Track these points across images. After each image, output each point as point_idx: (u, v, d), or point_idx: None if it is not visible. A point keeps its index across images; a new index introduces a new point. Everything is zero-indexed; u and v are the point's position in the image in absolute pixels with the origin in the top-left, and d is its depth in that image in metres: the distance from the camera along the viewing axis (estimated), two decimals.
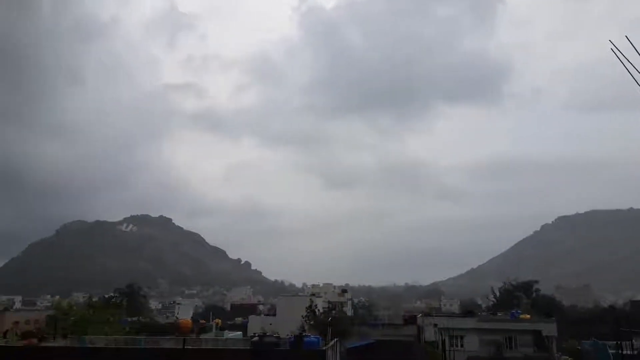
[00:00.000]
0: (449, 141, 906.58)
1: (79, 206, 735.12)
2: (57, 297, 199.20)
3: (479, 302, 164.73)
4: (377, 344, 49.64)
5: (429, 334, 57.65)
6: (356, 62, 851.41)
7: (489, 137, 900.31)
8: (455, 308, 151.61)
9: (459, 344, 52.95)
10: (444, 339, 48.61)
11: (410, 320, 67.27)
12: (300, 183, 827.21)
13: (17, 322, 70.74)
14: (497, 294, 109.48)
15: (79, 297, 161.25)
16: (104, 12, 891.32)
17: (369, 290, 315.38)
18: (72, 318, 53.74)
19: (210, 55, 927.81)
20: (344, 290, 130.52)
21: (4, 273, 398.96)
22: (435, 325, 54.73)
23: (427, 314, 71.41)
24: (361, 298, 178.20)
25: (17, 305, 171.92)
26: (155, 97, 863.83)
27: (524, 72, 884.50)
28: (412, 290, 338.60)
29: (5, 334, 42.64)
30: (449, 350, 48.25)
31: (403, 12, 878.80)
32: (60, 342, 33.24)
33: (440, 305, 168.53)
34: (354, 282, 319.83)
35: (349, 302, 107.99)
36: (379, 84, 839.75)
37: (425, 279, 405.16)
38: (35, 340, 32.03)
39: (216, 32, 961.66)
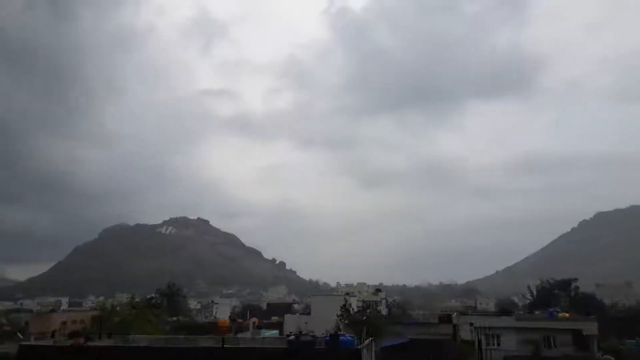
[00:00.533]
0: (483, 138, 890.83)
1: (120, 210, 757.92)
2: (101, 298, 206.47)
3: (516, 300, 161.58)
4: (411, 343, 49.70)
5: (465, 333, 57.07)
6: (387, 62, 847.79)
7: (523, 132, 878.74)
8: (491, 307, 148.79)
9: (496, 343, 52.34)
10: (480, 338, 48.17)
11: (445, 319, 66.77)
12: (333, 184, 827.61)
13: (64, 322, 74.16)
14: (534, 292, 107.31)
15: (122, 297, 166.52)
16: (141, 21, 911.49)
17: (403, 290, 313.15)
18: (116, 318, 55.83)
19: (243, 60, 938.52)
20: (377, 290, 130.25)
21: (51, 275, 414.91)
22: (471, 324, 54.13)
23: (462, 313, 70.70)
24: (395, 297, 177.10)
25: (64, 306, 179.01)
26: (191, 103, 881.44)
27: (559, 65, 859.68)
28: (447, 289, 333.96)
29: (53, 333, 44.85)
30: (486, 349, 47.83)
31: (432, 9, 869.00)
32: (105, 342, 34.75)
33: (475, 304, 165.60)
34: (388, 281, 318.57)
35: (383, 302, 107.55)
36: (410, 83, 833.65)
37: (460, 278, 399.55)
38: (82, 340, 33.55)
39: (248, 37, 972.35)
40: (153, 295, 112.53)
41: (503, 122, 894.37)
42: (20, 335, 72.80)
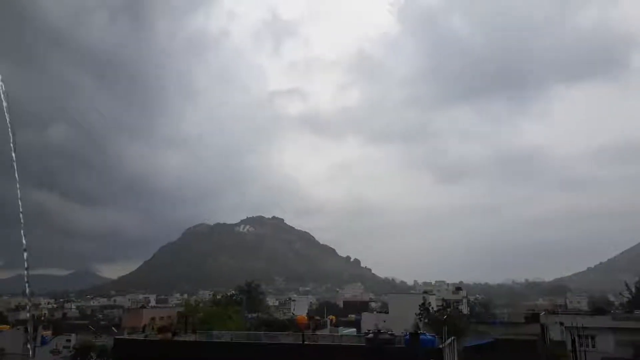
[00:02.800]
0: (571, 124, 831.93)
1: (201, 210, 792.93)
2: (185, 295, 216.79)
3: (612, 299, 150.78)
4: (496, 343, 47.42)
5: (555, 334, 53.86)
6: (461, 49, 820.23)
7: (616, 116, 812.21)
8: (584, 305, 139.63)
9: (590, 344, 48.77)
10: (574, 338, 45.06)
11: (532, 318, 63.27)
12: (408, 178, 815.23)
13: (153, 318, 78.36)
14: (633, 289, 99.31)
15: (205, 294, 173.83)
16: (213, 26, 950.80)
17: (485, 288, 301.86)
18: (199, 314, 58.01)
19: (312, 58, 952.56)
20: (458, 288, 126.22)
21: (140, 274, 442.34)
22: (562, 323, 50.94)
23: (551, 312, 66.83)
24: (477, 295, 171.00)
25: (152, 302, 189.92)
26: (263, 104, 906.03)
27: None
28: (533, 287, 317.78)
29: (144, 328, 47.31)
30: (579, 351, 44.65)
31: None
32: (190, 337, 36.04)
33: (565, 302, 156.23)
34: (469, 279, 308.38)
35: (464, 300, 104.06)
36: (488, 70, 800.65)
37: (547, 275, 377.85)
38: (169, 335, 35.07)
39: (317, 35, 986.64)
40: (233, 292, 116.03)
41: (593, 107, 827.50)
42: (114, 330, 77.97)
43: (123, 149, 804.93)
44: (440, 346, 27.94)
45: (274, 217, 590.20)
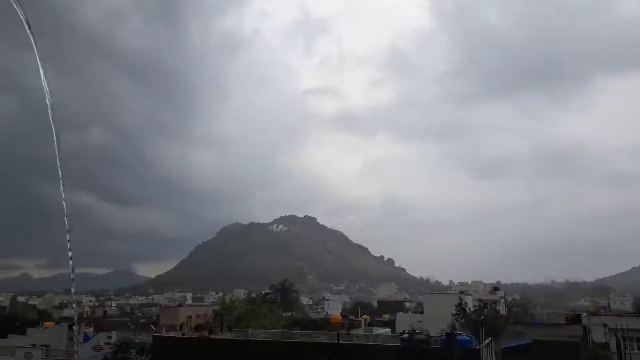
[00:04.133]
0: (614, 117, 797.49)
1: (235, 210, 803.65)
2: (221, 293, 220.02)
3: None
4: (535, 345, 46.27)
5: (598, 335, 52.11)
6: (496, 43, 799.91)
7: None
8: (628, 306, 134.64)
9: (636, 347, 47.03)
10: (619, 340, 43.56)
11: (573, 319, 61.38)
12: (442, 176, 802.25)
13: (190, 316, 79.73)
14: None
15: (239, 293, 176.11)
16: (245, 26, 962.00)
17: (523, 288, 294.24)
18: (235, 312, 58.78)
19: (345, 55, 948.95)
20: (495, 288, 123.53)
21: (176, 273, 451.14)
22: (605, 325, 49.26)
23: (593, 313, 64.71)
24: (515, 296, 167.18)
25: (189, 300, 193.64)
26: (295, 103, 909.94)
27: None
28: (574, 287, 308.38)
29: (181, 326, 48.28)
30: (625, 354, 43.12)
31: None
32: (226, 335, 36.57)
33: (609, 303, 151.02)
34: (506, 279, 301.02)
35: (502, 301, 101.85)
36: (525, 63, 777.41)
37: (589, 275, 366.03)
38: (206, 333, 35.72)
39: (349, 31, 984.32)
40: (267, 291, 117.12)
41: (638, 98, 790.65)
42: (153, 327, 79.78)
43: (159, 150, 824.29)
44: (478, 347, 27.49)
45: (306, 216, 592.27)
